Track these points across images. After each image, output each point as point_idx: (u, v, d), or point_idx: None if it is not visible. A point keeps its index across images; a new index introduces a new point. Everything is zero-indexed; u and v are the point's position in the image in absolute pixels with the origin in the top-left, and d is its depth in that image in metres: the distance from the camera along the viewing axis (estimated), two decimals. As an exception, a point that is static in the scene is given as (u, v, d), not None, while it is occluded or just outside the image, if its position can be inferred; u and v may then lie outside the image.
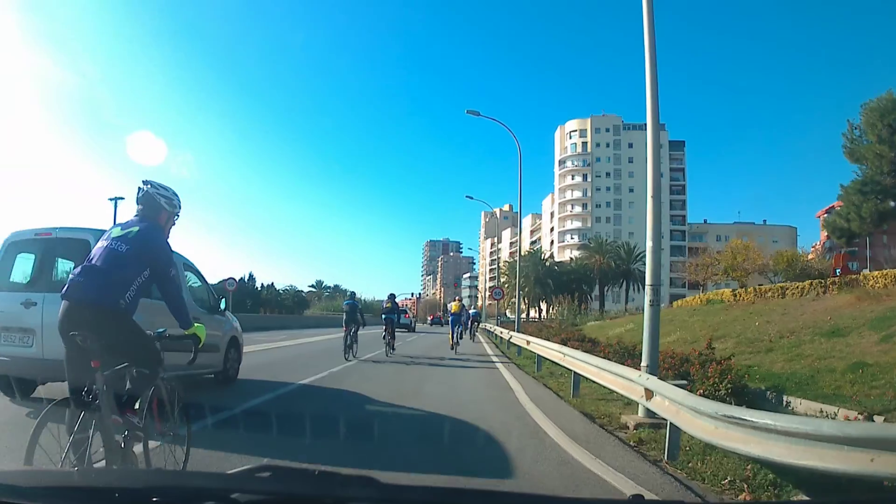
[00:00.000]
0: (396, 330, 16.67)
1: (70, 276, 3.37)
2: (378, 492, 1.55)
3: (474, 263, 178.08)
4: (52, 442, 2.88)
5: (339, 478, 1.59)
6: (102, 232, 3.83)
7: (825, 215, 33.91)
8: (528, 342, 13.18)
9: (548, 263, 69.55)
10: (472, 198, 46.01)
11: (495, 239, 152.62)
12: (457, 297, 24.74)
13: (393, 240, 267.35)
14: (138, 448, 3.30)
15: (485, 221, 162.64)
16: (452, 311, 20.86)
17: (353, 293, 16.28)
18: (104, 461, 2.97)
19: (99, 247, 3.42)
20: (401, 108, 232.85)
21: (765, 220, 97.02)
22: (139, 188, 3.59)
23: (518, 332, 23.15)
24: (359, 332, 14.35)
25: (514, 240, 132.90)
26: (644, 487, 4.22)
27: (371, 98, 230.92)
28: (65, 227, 6.48)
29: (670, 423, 4.89)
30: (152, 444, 3.47)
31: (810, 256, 46.83)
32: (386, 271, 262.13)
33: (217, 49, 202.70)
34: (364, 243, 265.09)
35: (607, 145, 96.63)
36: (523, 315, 72.56)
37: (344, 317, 14.35)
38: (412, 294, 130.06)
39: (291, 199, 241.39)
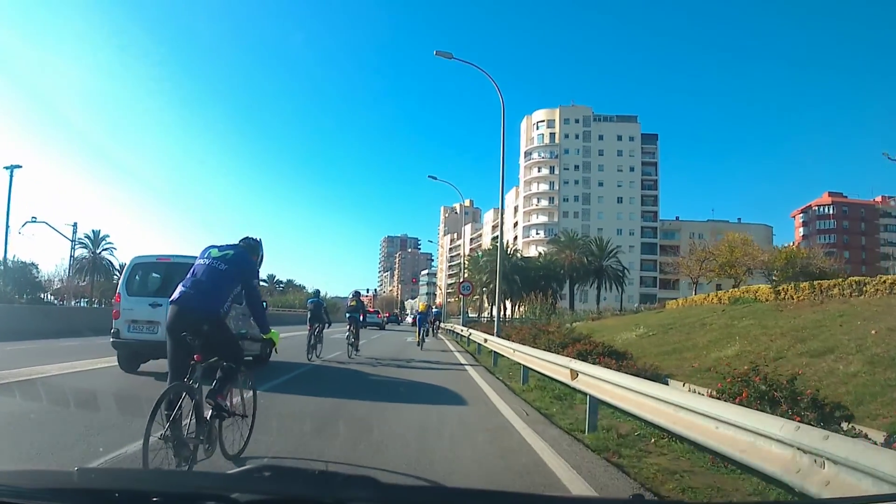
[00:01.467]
0: (369, 326, 18.68)
1: (181, 287, 4.10)
2: (378, 492, 1.55)
3: (433, 260, 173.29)
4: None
5: (340, 478, 1.62)
6: None
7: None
8: (576, 374, 6.53)
9: (514, 258, 63.66)
10: (435, 178, 39.00)
11: (455, 235, 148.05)
12: (423, 297, 22.76)
13: (349, 235, 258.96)
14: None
15: (444, 217, 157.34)
16: (420, 311, 21.69)
17: (317, 291, 15.97)
18: (195, 433, 3.75)
19: (200, 264, 4.20)
20: (361, 96, 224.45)
21: (739, 219, 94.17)
22: (249, 237, 4.68)
23: (497, 335, 17.07)
24: (322, 332, 13.91)
25: (474, 235, 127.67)
26: None
27: (332, 85, 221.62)
28: (180, 255, 9.24)
29: None
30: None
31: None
32: (341, 267, 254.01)
33: (174, 32, 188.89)
34: (319, 238, 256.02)
35: (576, 137, 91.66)
36: (485, 314, 66.43)
37: (308, 315, 13.90)
38: (367, 290, 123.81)
39: (243, 188, 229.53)
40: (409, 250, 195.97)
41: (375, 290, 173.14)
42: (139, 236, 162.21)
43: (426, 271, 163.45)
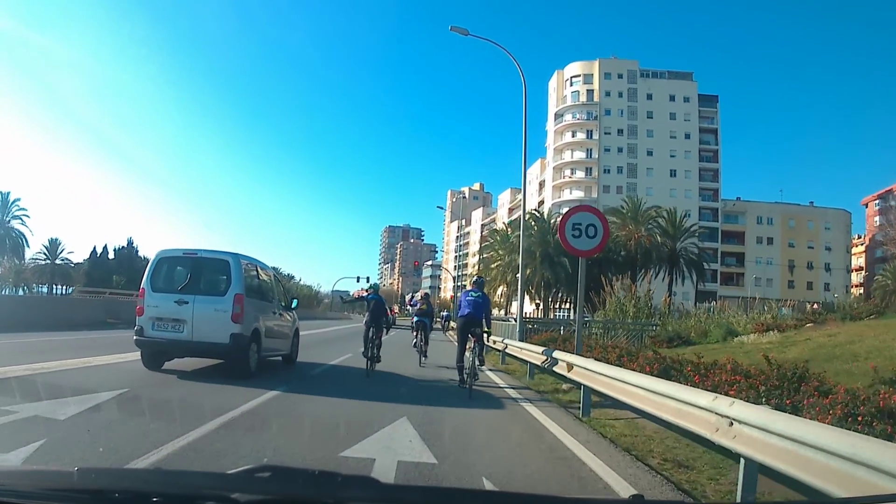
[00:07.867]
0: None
1: (466, 308, 9.49)
2: (378, 492, 1.56)
3: (436, 251, 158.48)
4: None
5: (340, 478, 1.57)
6: (239, 255, 9.12)
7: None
8: None
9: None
10: (466, 32, 19.61)
11: (464, 221, 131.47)
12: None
13: (349, 224, 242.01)
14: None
15: (451, 202, 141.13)
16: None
17: (376, 285, 12.32)
18: (469, 373, 8.88)
19: (469, 301, 9.51)
20: (364, 81, 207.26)
21: (812, 203, 76.83)
22: (479, 278, 10.64)
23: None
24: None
25: (486, 220, 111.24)
26: None
27: (334, 73, 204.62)
28: (208, 250, 9.17)
29: None
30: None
31: None
32: (339, 257, 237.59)
33: (173, 20, 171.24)
34: (318, 227, 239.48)
35: (619, 95, 74.51)
36: (512, 314, 48.61)
37: (367, 316, 10.96)
38: (368, 280, 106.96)
39: (241, 176, 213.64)
40: (412, 240, 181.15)
41: (376, 282, 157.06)
42: (141, 227, 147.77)
43: (430, 262, 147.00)
